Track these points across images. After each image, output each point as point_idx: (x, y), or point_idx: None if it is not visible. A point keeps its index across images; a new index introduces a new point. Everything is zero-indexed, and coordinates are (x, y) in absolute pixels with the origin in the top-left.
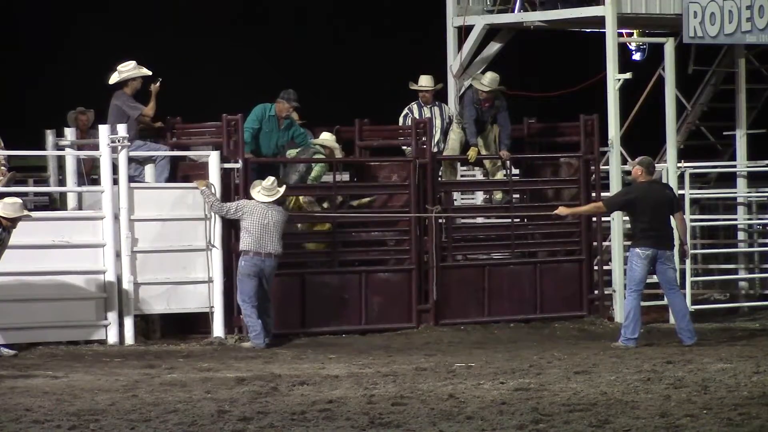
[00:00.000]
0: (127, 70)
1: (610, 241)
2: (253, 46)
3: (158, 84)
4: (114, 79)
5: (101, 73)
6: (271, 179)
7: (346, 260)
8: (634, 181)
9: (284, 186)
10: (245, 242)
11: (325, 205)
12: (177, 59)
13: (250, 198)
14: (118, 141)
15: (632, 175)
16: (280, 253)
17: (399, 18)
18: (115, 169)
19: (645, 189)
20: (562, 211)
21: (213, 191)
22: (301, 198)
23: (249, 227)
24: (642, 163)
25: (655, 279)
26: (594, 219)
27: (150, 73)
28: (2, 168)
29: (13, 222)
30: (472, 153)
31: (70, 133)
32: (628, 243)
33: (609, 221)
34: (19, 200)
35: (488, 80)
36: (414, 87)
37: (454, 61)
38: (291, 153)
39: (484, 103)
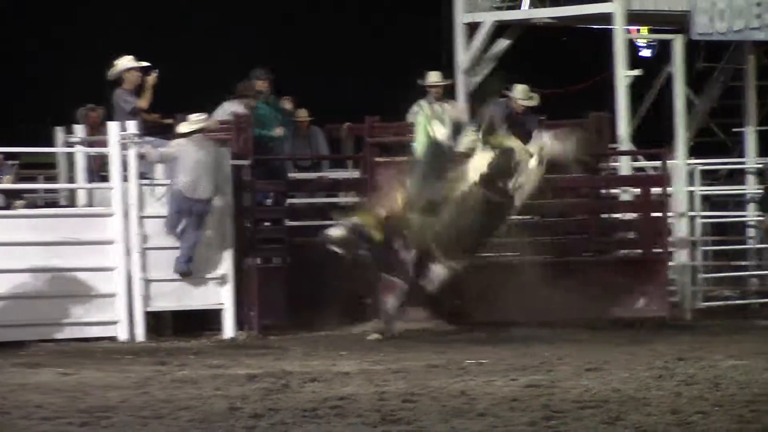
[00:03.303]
0: (121, 64)
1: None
2: (262, 43)
3: (154, 76)
4: (111, 74)
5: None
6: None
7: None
8: None
9: (208, 116)
10: (180, 182)
11: None
12: (186, 54)
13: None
14: (128, 138)
15: None
16: (213, 195)
17: (407, 15)
18: (125, 165)
19: None
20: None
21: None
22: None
23: (184, 170)
24: None
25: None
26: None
27: (143, 64)
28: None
29: None
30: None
31: (80, 130)
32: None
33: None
34: None
35: (522, 93)
36: (424, 83)
37: (462, 58)
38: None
39: (517, 115)
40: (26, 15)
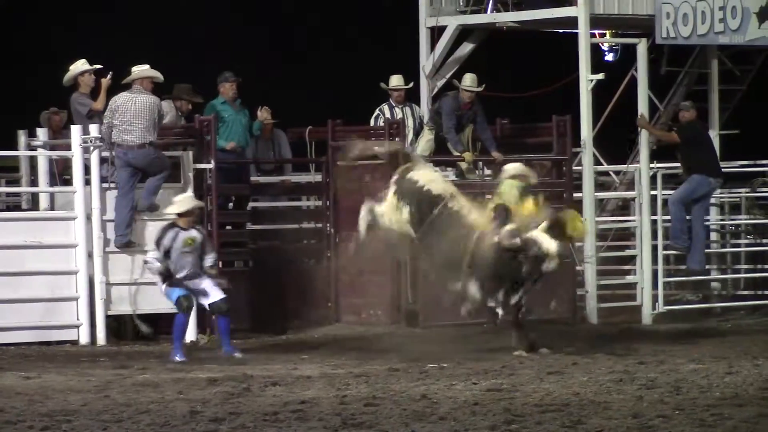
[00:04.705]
0: (75, 68)
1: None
2: (227, 47)
3: (109, 78)
4: (65, 79)
5: None
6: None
7: None
8: (685, 123)
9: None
10: (113, 133)
11: None
12: (153, 61)
13: None
14: (90, 141)
15: (685, 118)
16: (148, 141)
17: (371, 18)
18: (87, 169)
19: (701, 125)
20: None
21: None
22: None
23: (117, 121)
24: (694, 105)
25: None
26: None
27: (97, 67)
28: None
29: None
30: (468, 156)
31: (42, 134)
32: (602, 244)
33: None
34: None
35: (471, 81)
36: (386, 87)
37: (426, 62)
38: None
39: (466, 105)
40: None
